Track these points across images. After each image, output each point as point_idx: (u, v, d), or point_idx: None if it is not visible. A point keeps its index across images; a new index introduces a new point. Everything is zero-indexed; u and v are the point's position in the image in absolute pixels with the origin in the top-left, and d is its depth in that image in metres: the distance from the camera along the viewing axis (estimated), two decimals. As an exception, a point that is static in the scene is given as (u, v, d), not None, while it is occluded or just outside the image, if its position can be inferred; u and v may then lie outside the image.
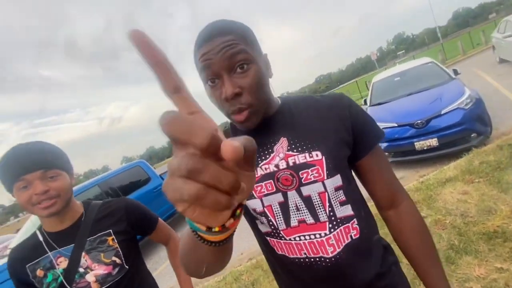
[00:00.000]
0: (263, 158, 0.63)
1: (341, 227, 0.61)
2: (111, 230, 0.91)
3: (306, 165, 0.59)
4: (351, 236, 0.61)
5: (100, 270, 0.86)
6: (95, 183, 4.55)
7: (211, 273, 0.44)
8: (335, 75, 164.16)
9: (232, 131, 0.71)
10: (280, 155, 0.61)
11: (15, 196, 0.79)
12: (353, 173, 0.69)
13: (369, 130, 0.65)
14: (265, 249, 0.71)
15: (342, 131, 0.62)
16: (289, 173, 0.60)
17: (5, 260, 3.22)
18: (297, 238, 0.62)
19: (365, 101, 5.30)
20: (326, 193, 0.59)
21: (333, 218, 0.60)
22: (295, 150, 0.61)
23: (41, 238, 0.86)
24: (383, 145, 3.91)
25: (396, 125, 3.82)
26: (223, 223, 0.25)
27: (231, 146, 0.20)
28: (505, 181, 2.40)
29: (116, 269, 0.89)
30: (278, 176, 0.60)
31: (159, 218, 1.10)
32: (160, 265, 3.99)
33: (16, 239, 4.10)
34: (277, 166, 0.61)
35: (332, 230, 0.60)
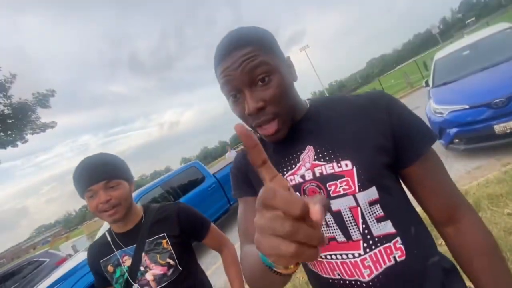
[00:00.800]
0: (288, 168, 0.60)
1: (380, 247, 0.53)
2: (165, 234, 0.98)
3: (334, 176, 0.54)
4: (394, 258, 0.53)
5: (157, 270, 0.94)
6: (158, 184, 5.03)
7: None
8: (389, 57, 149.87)
9: (262, 143, 0.68)
10: (307, 165, 0.57)
11: (87, 204, 0.92)
12: (402, 183, 0.60)
13: (416, 134, 0.55)
14: (302, 263, 0.67)
15: (378, 137, 0.54)
16: (315, 184, 0.55)
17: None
18: (329, 257, 0.57)
19: (426, 82, 4.70)
20: (359, 208, 0.53)
21: (368, 236, 0.53)
22: (322, 160, 0.56)
23: (109, 238, 0.99)
24: (453, 130, 3.41)
25: (468, 107, 3.28)
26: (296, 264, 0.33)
27: (319, 211, 0.26)
28: None
29: (171, 270, 0.95)
30: (305, 188, 0.56)
31: (212, 224, 1.13)
32: (212, 265, 4.17)
33: (101, 231, 4.80)
34: (303, 176, 0.57)
35: (368, 250, 0.53)
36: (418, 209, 0.62)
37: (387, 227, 0.54)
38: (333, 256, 0.56)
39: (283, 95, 0.54)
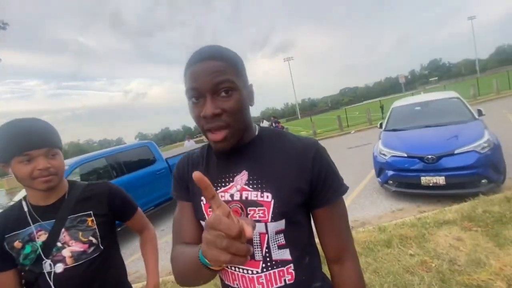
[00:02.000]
0: (222, 185, 0.66)
1: (276, 270, 0.62)
2: (91, 212, 0.97)
3: (255, 203, 0.61)
4: (284, 280, 0.62)
5: (76, 247, 0.92)
6: (103, 155, 4.71)
7: (206, 282, 0.59)
8: (360, 90, 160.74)
9: (208, 148, 0.74)
10: (238, 187, 0.64)
11: (13, 168, 0.84)
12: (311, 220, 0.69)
13: (329, 186, 0.64)
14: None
15: (300, 180, 0.62)
16: (239, 205, 0.62)
17: None
18: (234, 268, 0.65)
19: (380, 124, 5.20)
20: (267, 235, 0.61)
21: (268, 259, 0.62)
22: (250, 186, 0.63)
23: (25, 209, 0.92)
24: (390, 172, 3.85)
25: (406, 155, 3.74)
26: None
27: (251, 231, 0.41)
28: (503, 236, 2.31)
29: (92, 248, 0.94)
30: (230, 206, 0.62)
31: (139, 208, 1.17)
32: (134, 255, 4.07)
33: (21, 193, 4.33)
34: (232, 196, 0.63)
35: (264, 270, 0.62)
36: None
37: (285, 254, 0.63)
38: (237, 269, 0.64)
39: (239, 111, 0.59)
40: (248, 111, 0.65)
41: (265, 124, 12.55)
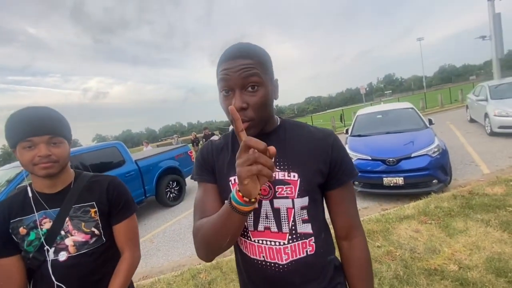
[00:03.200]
0: None
1: (299, 242, 0.70)
2: (94, 203, 0.97)
3: (283, 182, 0.69)
4: (306, 251, 0.71)
5: (79, 237, 0.92)
6: (67, 155, 4.39)
7: (229, 247, 0.65)
8: (324, 100, 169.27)
9: (233, 136, 0.81)
10: None
11: (18, 153, 0.85)
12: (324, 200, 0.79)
13: (344, 169, 0.73)
14: (235, 245, 0.81)
15: (320, 163, 0.71)
16: (267, 184, 0.70)
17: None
18: (260, 241, 0.72)
19: (347, 130, 5.62)
20: (293, 210, 0.69)
21: (293, 231, 0.70)
22: (277, 167, 0.71)
23: (30, 195, 0.91)
24: (356, 174, 4.17)
25: (370, 158, 4.10)
26: (257, 195, 0.55)
27: (273, 149, 0.51)
28: (453, 227, 2.68)
29: (94, 239, 0.95)
30: None
31: (135, 216, 1.09)
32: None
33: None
34: None
35: (290, 241, 0.69)
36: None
37: (308, 228, 0.72)
38: (264, 242, 0.71)
39: (263, 106, 0.66)
40: (272, 105, 0.71)
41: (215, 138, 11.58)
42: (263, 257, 0.72)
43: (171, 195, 5.95)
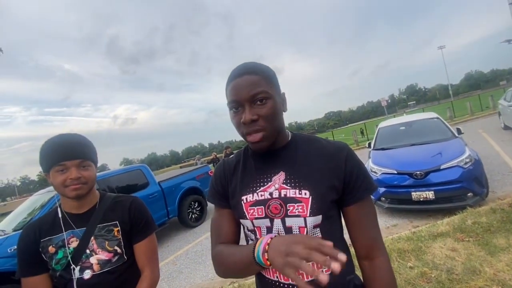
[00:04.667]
0: (261, 184, 0.73)
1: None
2: (117, 222, 1.01)
3: (294, 200, 0.68)
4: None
5: (103, 255, 0.96)
6: (96, 179, 4.62)
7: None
8: (344, 114, 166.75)
9: (244, 153, 0.82)
10: (276, 186, 0.71)
11: (51, 177, 0.92)
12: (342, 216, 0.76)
13: (360, 184, 0.70)
14: None
15: (334, 178, 0.69)
16: (279, 202, 0.69)
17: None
18: None
19: (369, 144, 5.44)
20: (305, 228, 0.67)
21: None
22: (288, 185, 0.70)
23: (60, 215, 0.97)
24: (382, 189, 3.97)
25: (396, 172, 3.90)
26: None
27: (339, 264, 0.50)
28: (493, 244, 2.43)
29: (116, 257, 0.98)
30: (270, 203, 0.70)
31: (154, 235, 1.11)
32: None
33: (6, 220, 4.12)
34: (271, 194, 0.71)
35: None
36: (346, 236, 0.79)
37: None
38: None
39: (273, 117, 0.67)
40: (281, 116, 0.73)
41: None
42: (277, 277, 0.70)
43: (193, 216, 6.00)
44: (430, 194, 3.57)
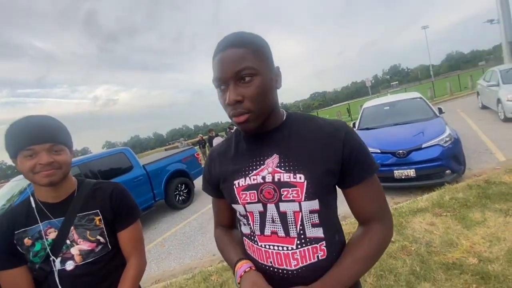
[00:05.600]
0: (253, 168, 0.69)
1: (309, 246, 0.65)
2: (98, 211, 0.95)
3: (288, 184, 0.64)
4: (317, 256, 0.65)
5: (84, 246, 0.91)
6: (76, 163, 4.42)
7: None
8: (329, 95, 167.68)
9: (236, 136, 0.78)
10: (269, 169, 0.67)
11: (19, 162, 0.84)
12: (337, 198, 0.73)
13: (361, 164, 0.66)
14: (245, 249, 0.78)
15: (331, 161, 0.64)
16: (272, 187, 0.65)
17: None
18: (267, 246, 0.68)
19: (354, 124, 5.51)
20: (301, 213, 0.64)
21: (302, 236, 0.65)
22: (282, 168, 0.66)
23: (33, 205, 0.90)
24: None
25: (379, 151, 4.00)
26: None
27: None
28: (469, 218, 2.57)
29: (99, 247, 0.93)
30: (263, 188, 0.66)
31: (139, 221, 1.06)
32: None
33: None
34: (263, 178, 0.67)
35: (299, 246, 0.65)
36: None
37: (318, 232, 0.66)
38: (271, 247, 0.67)
39: (260, 96, 0.61)
40: (272, 95, 0.66)
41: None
42: (271, 262, 0.68)
43: (180, 198, 5.98)
44: (411, 172, 3.70)
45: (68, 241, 0.89)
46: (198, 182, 7.08)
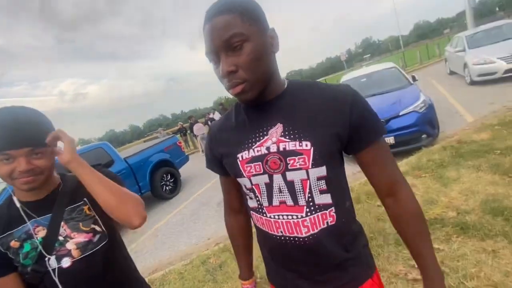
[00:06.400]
0: (256, 139, 0.67)
1: (319, 213, 0.65)
2: (86, 199, 0.90)
3: (294, 153, 0.63)
4: (327, 223, 0.66)
5: (80, 238, 0.86)
6: (51, 163, 4.20)
7: None
8: (306, 72, 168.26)
9: (236, 109, 0.76)
10: (273, 139, 0.65)
11: None
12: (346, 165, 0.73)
13: (369, 127, 0.64)
14: (253, 224, 0.79)
15: (337, 125, 0.63)
16: (278, 157, 0.64)
17: None
18: (276, 217, 0.68)
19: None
20: (308, 181, 0.63)
21: (311, 203, 0.65)
22: (287, 137, 0.64)
23: (18, 205, 0.83)
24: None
25: (360, 122, 4.12)
26: None
27: None
28: (446, 176, 2.77)
29: (97, 236, 0.89)
30: (268, 159, 0.65)
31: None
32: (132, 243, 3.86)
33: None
34: (268, 148, 0.65)
35: (308, 214, 0.65)
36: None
37: (327, 199, 0.65)
38: (280, 216, 0.67)
39: (255, 63, 0.58)
40: (269, 59, 0.63)
41: (216, 115, 11.59)
42: (281, 232, 0.68)
43: (167, 188, 5.90)
44: (391, 140, 3.87)
45: (60, 238, 0.84)
46: (184, 170, 7.01)
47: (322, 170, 0.64)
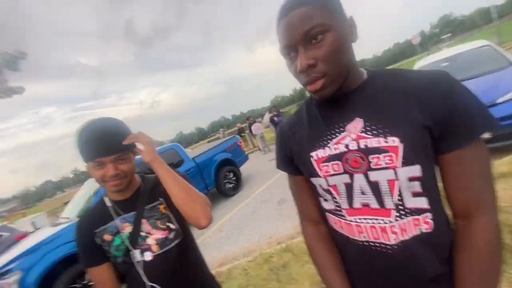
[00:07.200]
0: (333, 136, 0.61)
1: (410, 218, 0.56)
2: (162, 199, 1.00)
3: (378, 150, 0.55)
4: (420, 229, 0.56)
5: (158, 234, 0.95)
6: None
7: None
8: (369, 61, 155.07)
9: (307, 105, 0.71)
10: (352, 136, 0.59)
11: (90, 170, 0.90)
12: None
13: (465, 123, 0.52)
14: (328, 225, 0.72)
15: (428, 118, 0.53)
16: (359, 155, 0.58)
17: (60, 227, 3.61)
18: (358, 220, 0.61)
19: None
20: (397, 181, 0.55)
21: (401, 207, 0.56)
22: (369, 133, 0.57)
23: (108, 204, 0.97)
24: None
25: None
26: None
27: None
28: None
29: (172, 233, 0.97)
30: (348, 157, 0.59)
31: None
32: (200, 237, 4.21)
33: (68, 208, 4.53)
34: (347, 146, 0.59)
35: (398, 219, 0.56)
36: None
37: (422, 203, 0.56)
38: (363, 220, 0.60)
39: (335, 54, 0.55)
40: (349, 50, 0.58)
41: (266, 117, 11.54)
42: (364, 237, 0.60)
43: (230, 185, 6.20)
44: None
45: (142, 233, 0.94)
46: (244, 170, 7.26)
47: (415, 170, 0.54)
